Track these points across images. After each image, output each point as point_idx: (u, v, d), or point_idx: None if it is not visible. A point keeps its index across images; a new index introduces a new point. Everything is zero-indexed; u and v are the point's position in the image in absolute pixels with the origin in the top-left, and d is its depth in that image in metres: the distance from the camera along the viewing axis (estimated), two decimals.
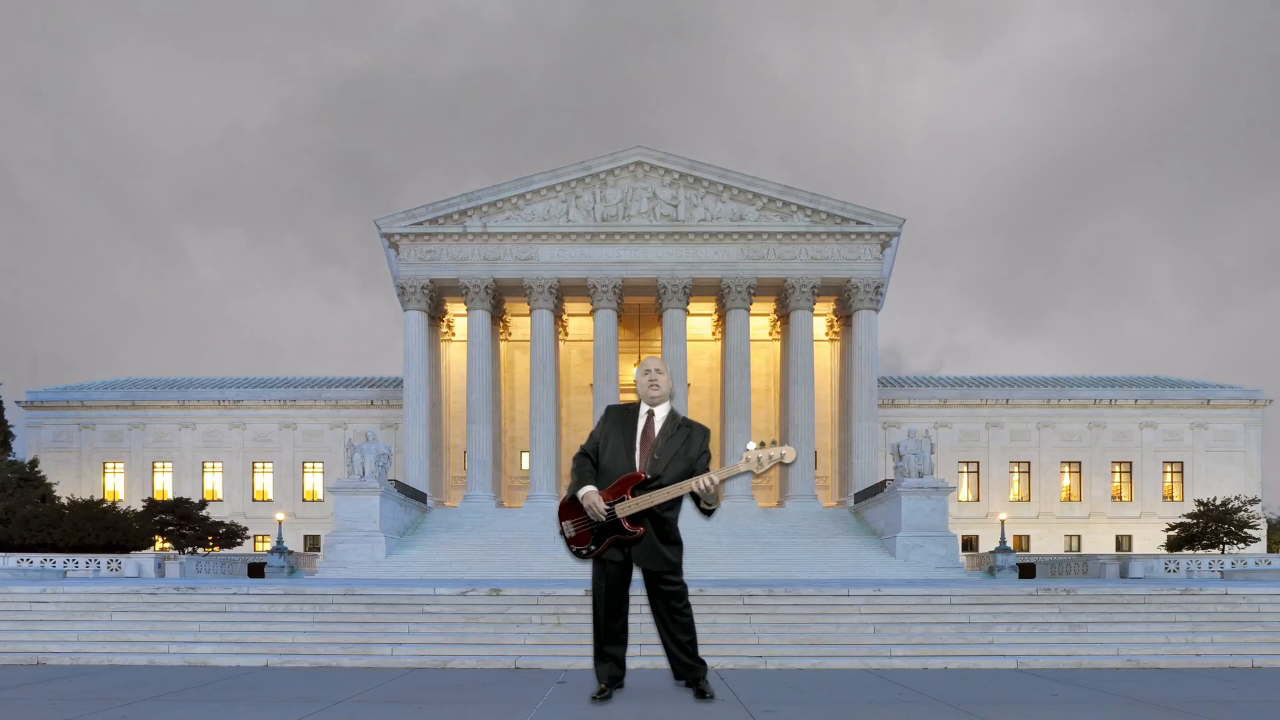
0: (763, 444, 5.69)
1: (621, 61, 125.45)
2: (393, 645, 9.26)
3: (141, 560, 30.72)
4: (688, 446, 5.92)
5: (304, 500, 50.96)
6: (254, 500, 51.16)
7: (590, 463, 6.01)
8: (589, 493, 5.77)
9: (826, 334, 49.03)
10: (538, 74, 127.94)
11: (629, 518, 5.71)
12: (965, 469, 51.45)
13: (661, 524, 5.88)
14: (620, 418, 6.11)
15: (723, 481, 5.66)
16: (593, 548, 5.83)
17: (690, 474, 5.78)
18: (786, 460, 5.60)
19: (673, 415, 6.08)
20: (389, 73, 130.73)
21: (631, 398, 6.41)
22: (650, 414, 6.06)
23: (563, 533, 5.91)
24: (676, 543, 6.01)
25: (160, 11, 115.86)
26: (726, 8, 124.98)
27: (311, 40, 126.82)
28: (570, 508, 5.90)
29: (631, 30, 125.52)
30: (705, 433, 6.05)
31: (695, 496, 5.74)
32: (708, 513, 5.86)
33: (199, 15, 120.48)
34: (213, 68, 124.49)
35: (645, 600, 6.18)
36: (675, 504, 5.90)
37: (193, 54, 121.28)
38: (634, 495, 5.71)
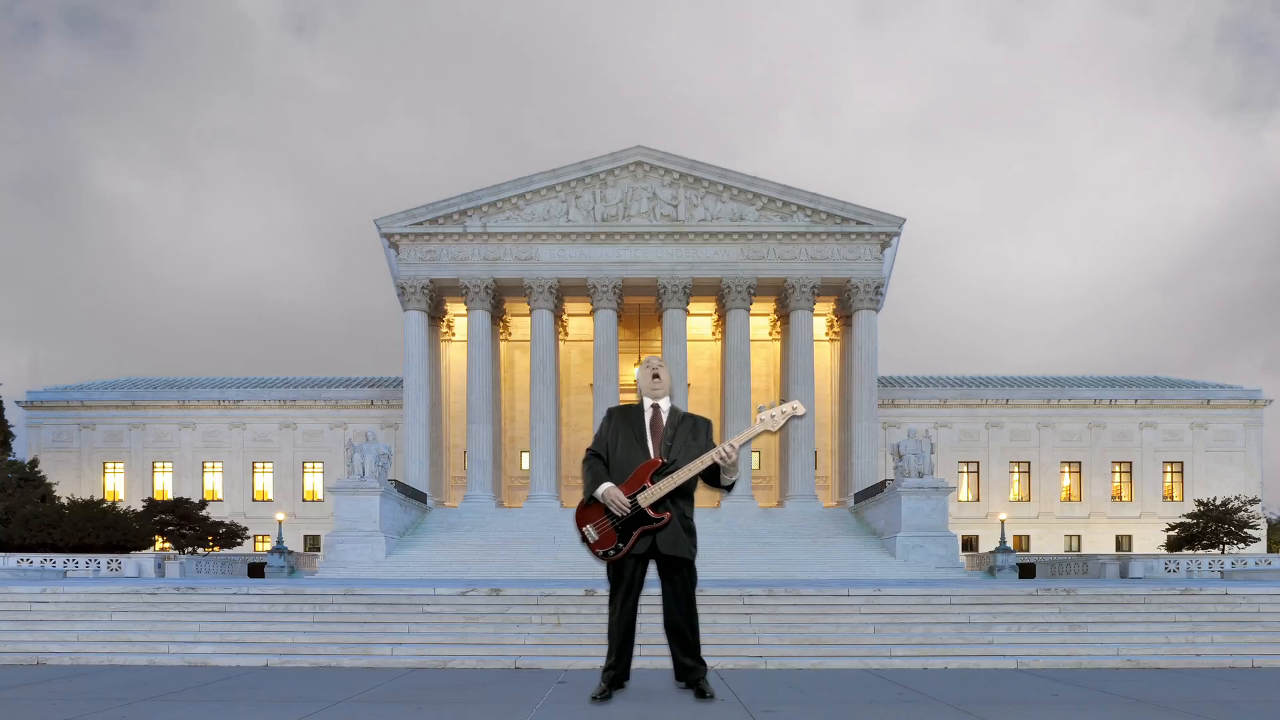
0: (772, 403, 5.81)
1: (622, 60, 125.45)
2: (393, 645, 9.26)
3: (141, 560, 30.72)
4: (695, 434, 6.07)
5: (304, 500, 50.94)
6: (254, 500, 51.15)
7: (601, 462, 6.03)
8: (609, 488, 5.80)
9: (826, 334, 49.03)
10: (538, 72, 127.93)
11: (653, 505, 5.75)
12: (965, 469, 51.44)
13: (682, 510, 5.94)
14: (625, 415, 6.20)
15: (742, 445, 5.77)
16: (620, 545, 5.81)
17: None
18: (799, 413, 5.71)
19: (674, 409, 6.23)
20: (389, 71, 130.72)
21: (631, 398, 6.51)
22: (655, 408, 6.17)
23: (585, 538, 5.89)
24: (693, 529, 6.08)
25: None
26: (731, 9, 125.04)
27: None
28: (588, 510, 5.90)
29: (632, 29, 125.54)
30: (709, 423, 6.23)
31: (714, 475, 5.86)
32: (729, 487, 5.97)
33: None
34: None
35: (643, 601, 6.20)
36: (693, 489, 5.99)
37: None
38: (654, 482, 5.76)
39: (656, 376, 6.16)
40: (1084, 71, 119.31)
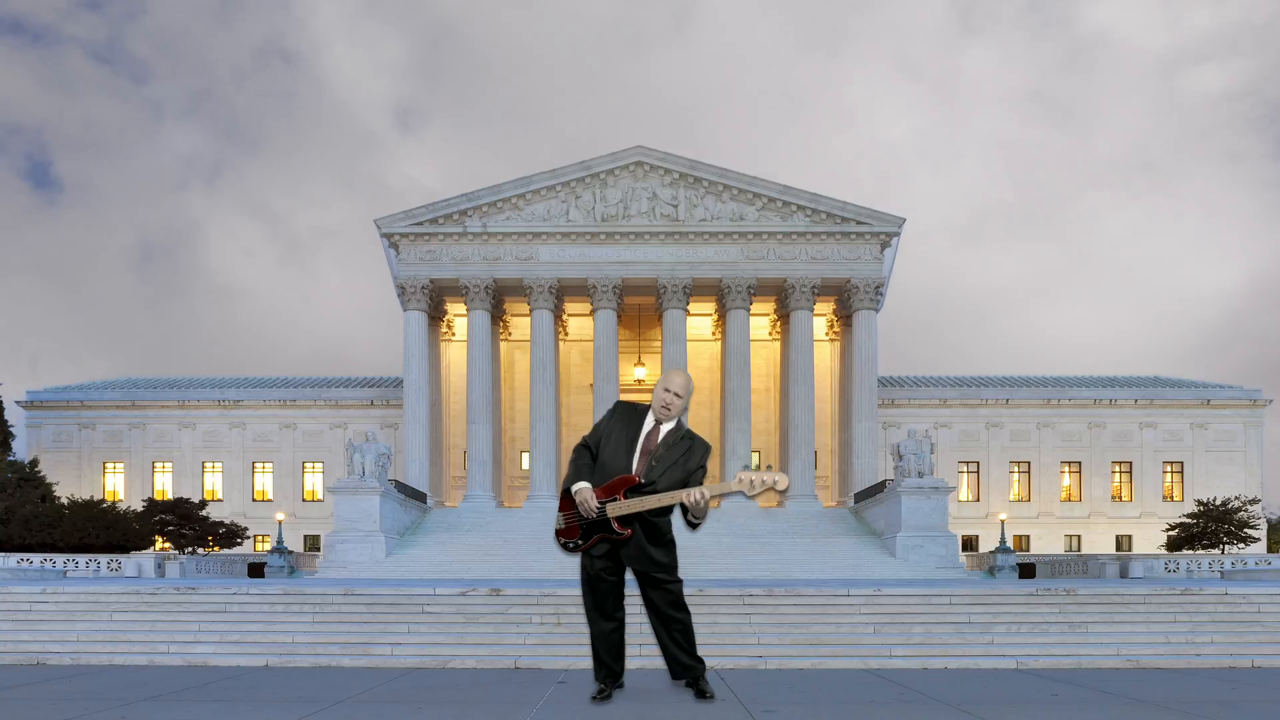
0: (758, 467, 5.73)
1: (622, 59, 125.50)
2: (393, 645, 9.26)
3: (141, 560, 30.71)
4: (687, 458, 5.88)
5: (304, 500, 50.93)
6: (254, 500, 51.14)
7: (589, 455, 5.98)
8: (583, 488, 5.78)
9: (826, 334, 49.02)
10: (537, 72, 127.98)
11: (619, 519, 5.71)
12: (965, 469, 51.42)
13: (651, 526, 5.86)
14: (627, 416, 6.06)
15: (713, 498, 5.64)
16: (579, 542, 5.84)
17: (685, 485, 5.76)
18: (779, 487, 5.59)
19: (678, 426, 6.04)
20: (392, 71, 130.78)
21: (631, 397, 6.45)
22: (658, 422, 6.02)
23: (556, 524, 5.95)
24: (669, 543, 5.99)
25: None
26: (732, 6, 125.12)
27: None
28: (567, 498, 5.91)
29: (631, 28, 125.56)
30: (706, 449, 6.00)
31: (684, 509, 5.71)
32: (693, 525, 5.81)
33: None
34: None
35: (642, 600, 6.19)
36: (666, 510, 5.89)
37: None
38: (626, 498, 5.70)
39: (667, 407, 5.91)
40: (1123, 165, 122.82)
